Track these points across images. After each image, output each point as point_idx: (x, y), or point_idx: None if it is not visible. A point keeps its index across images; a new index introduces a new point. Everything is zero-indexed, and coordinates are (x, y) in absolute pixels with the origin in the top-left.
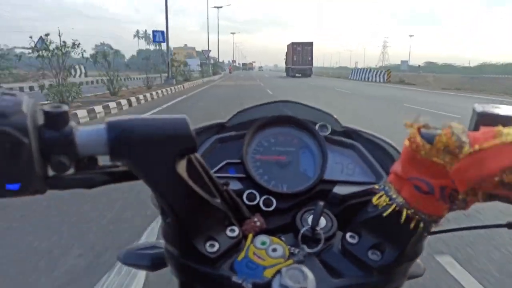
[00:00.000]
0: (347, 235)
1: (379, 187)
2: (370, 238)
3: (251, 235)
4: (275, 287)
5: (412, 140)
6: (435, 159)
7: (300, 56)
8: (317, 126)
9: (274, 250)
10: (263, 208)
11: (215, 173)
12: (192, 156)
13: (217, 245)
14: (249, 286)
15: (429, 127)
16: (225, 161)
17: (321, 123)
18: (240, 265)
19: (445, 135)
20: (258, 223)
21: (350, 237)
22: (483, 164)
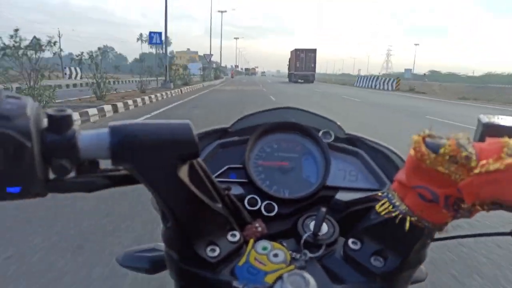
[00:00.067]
0: (349, 241)
1: (382, 194)
2: (372, 244)
3: (252, 240)
4: None
5: (417, 149)
6: (440, 168)
7: (303, 62)
8: (320, 133)
9: (275, 255)
10: (265, 213)
11: (217, 178)
12: (194, 160)
13: (218, 250)
14: None
15: (434, 137)
16: (227, 166)
17: (324, 130)
18: (241, 270)
19: (450, 145)
20: (259, 228)
21: (352, 243)
22: (501, 186)
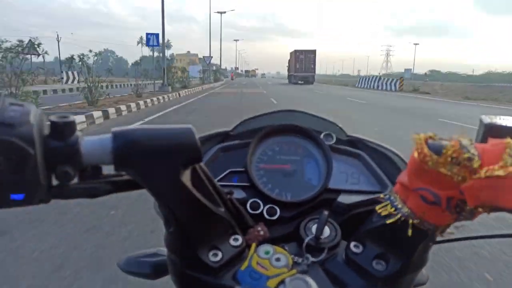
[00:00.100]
0: (351, 244)
1: (385, 196)
2: (374, 248)
3: (254, 245)
4: None
5: (419, 151)
6: (442, 170)
7: (302, 63)
8: (322, 135)
9: (277, 259)
10: (267, 217)
11: (219, 181)
12: (196, 165)
13: (220, 254)
14: None
15: (436, 138)
16: (229, 170)
17: (326, 132)
18: (243, 275)
19: (453, 146)
20: (261, 232)
21: (354, 246)
22: (504, 194)
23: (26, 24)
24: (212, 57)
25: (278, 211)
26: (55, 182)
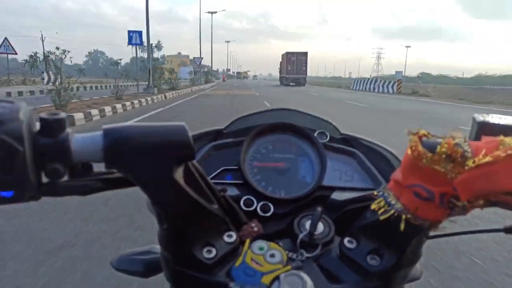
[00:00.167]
0: (345, 240)
1: (378, 193)
2: (368, 243)
3: (248, 241)
4: None
5: (413, 148)
6: (436, 167)
7: (294, 65)
8: (316, 133)
9: (272, 255)
10: (261, 213)
11: (212, 179)
12: (189, 162)
13: (214, 251)
14: None
15: (430, 136)
16: (222, 168)
17: (319, 130)
18: (237, 272)
19: (447, 143)
20: (255, 229)
21: (348, 242)
22: (494, 178)
23: (14, 24)
24: (202, 58)
25: (271, 208)
26: (45, 179)
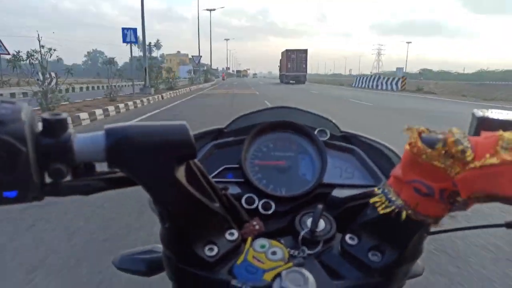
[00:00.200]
0: (347, 236)
1: (378, 189)
2: (369, 239)
3: (250, 239)
4: None
5: (413, 144)
6: (436, 163)
7: (294, 63)
8: (316, 131)
9: (273, 253)
10: (262, 211)
11: (214, 178)
12: (190, 161)
13: (216, 249)
14: None
15: (430, 132)
16: (224, 166)
17: (319, 128)
18: (239, 269)
19: (446, 139)
20: (257, 227)
21: (349, 238)
22: (498, 181)
23: (14, 23)
24: (201, 56)
25: (273, 205)
26: (48, 179)
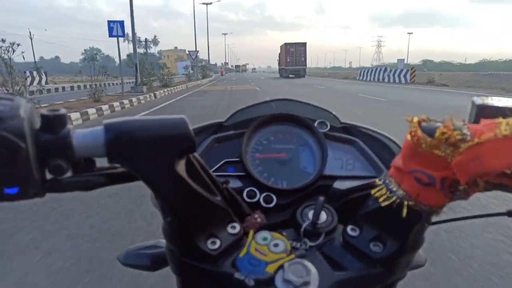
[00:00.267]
0: (348, 228)
1: (380, 180)
2: (371, 230)
3: (252, 232)
4: (278, 282)
5: (413, 133)
6: (436, 151)
7: (293, 56)
8: (316, 123)
9: (275, 245)
10: (264, 204)
11: (214, 172)
12: (190, 155)
13: (219, 242)
14: (252, 282)
15: (430, 121)
16: (224, 160)
17: (320, 120)
18: (242, 262)
19: (446, 127)
20: (258, 219)
21: (351, 230)
22: (483, 159)
23: (7, 22)
24: (198, 51)
25: (274, 198)
26: (48, 176)
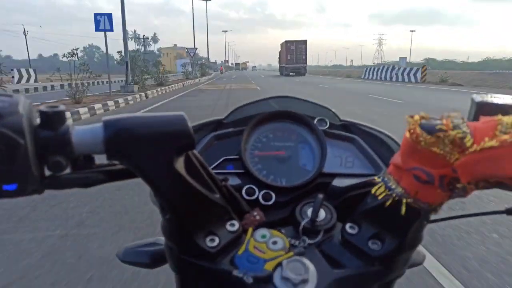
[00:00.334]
0: (347, 225)
1: (379, 178)
2: (370, 228)
3: (251, 229)
4: (276, 279)
5: (412, 131)
6: (435, 149)
7: (294, 54)
8: (315, 120)
9: (274, 242)
10: (262, 202)
11: (213, 169)
12: (190, 152)
13: (217, 240)
14: (250, 279)
15: (429, 118)
16: (223, 158)
17: (319, 117)
18: (240, 259)
19: (445, 125)
20: (257, 217)
21: (350, 227)
22: (498, 163)
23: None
24: (197, 48)
25: (273, 196)
26: (47, 172)
